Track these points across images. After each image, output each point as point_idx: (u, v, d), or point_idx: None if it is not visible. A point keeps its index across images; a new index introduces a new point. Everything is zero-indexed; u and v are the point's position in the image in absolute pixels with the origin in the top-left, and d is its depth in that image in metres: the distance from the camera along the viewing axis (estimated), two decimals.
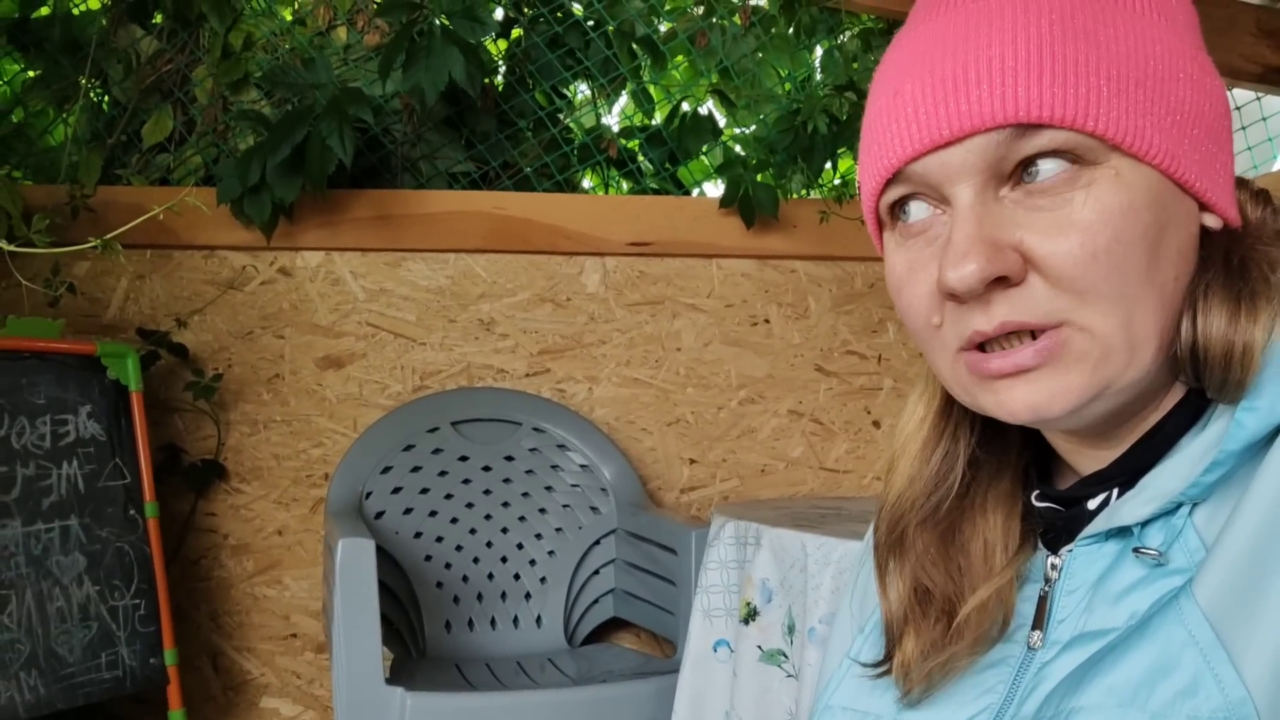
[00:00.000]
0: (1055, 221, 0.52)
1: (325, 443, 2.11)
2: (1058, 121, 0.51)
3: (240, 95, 2.11)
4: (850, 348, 2.28)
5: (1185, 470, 0.54)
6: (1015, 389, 0.54)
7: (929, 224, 0.56)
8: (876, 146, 0.57)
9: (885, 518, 0.65)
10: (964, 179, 0.53)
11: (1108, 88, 0.52)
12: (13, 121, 2.14)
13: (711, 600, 1.58)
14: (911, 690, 0.61)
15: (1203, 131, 0.55)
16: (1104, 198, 0.52)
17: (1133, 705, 0.50)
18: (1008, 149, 0.52)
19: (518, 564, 2.05)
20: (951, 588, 0.61)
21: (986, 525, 0.63)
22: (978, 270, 0.52)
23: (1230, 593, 0.49)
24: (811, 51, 2.32)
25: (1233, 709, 0.47)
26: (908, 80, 0.55)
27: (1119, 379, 0.53)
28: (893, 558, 0.64)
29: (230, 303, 2.08)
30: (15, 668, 1.59)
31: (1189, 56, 0.55)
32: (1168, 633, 0.51)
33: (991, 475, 0.64)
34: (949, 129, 0.53)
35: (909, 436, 0.66)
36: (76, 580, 1.71)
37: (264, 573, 2.10)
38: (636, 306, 2.22)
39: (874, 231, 0.62)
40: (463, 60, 1.90)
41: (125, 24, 2.12)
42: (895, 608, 0.63)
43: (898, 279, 0.58)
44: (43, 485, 1.70)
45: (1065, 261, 0.52)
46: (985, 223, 0.53)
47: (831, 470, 2.28)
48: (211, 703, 2.07)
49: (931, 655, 0.60)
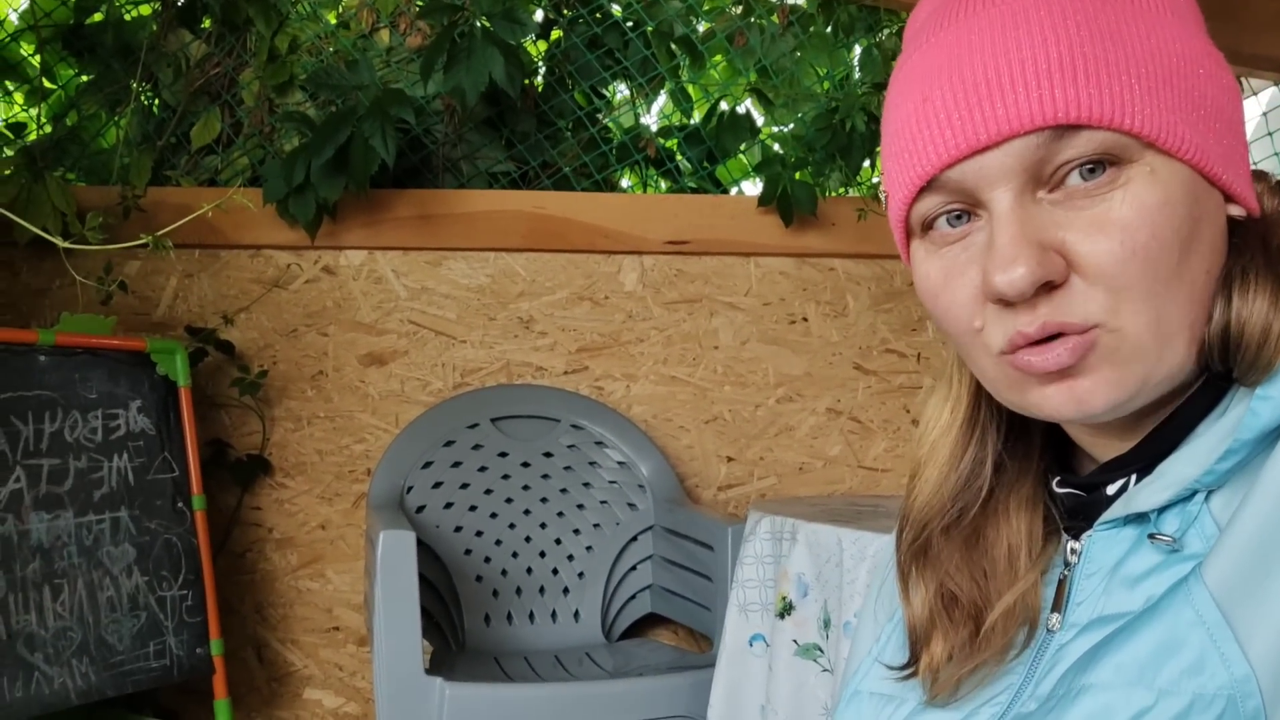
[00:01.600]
0: (1095, 220, 0.52)
1: (367, 438, 2.14)
2: (1095, 121, 0.51)
3: (286, 98, 2.16)
4: (889, 346, 2.28)
5: (1201, 457, 0.54)
6: (1061, 386, 0.54)
7: (966, 230, 0.56)
8: (906, 155, 0.56)
9: (911, 523, 0.65)
10: (1002, 183, 0.53)
11: (1139, 86, 0.52)
12: (67, 125, 2.20)
13: (747, 595, 1.59)
14: (940, 694, 0.62)
15: (1223, 125, 0.55)
16: (1141, 195, 0.52)
17: (1140, 683, 0.51)
18: (1047, 151, 0.52)
19: (556, 559, 2.06)
20: (977, 593, 0.62)
21: (1010, 529, 0.63)
22: (1028, 274, 0.52)
23: (1238, 575, 0.50)
24: (850, 50, 2.32)
25: (1237, 686, 0.48)
26: (936, 86, 0.54)
27: (1154, 374, 0.54)
28: (916, 564, 0.64)
29: (275, 301, 2.12)
30: (67, 655, 1.63)
31: (1204, 53, 0.56)
32: (1176, 613, 0.51)
33: (1015, 479, 0.65)
34: (986, 133, 0.52)
35: (935, 442, 0.66)
36: (126, 570, 1.75)
37: (307, 566, 2.13)
38: (674, 305, 2.23)
39: (901, 241, 0.61)
40: (503, 61, 1.92)
41: (175, 29, 2.17)
42: (919, 612, 0.64)
43: (933, 286, 0.58)
44: (94, 477, 1.74)
45: (1106, 260, 0.52)
46: (1029, 225, 0.53)
47: (870, 469, 2.27)
48: (255, 694, 2.11)
49: (959, 661, 0.61)
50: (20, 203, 1.84)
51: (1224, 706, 0.48)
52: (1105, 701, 0.51)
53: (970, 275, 0.56)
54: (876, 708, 0.66)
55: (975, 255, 0.56)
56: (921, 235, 0.59)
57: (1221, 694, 0.48)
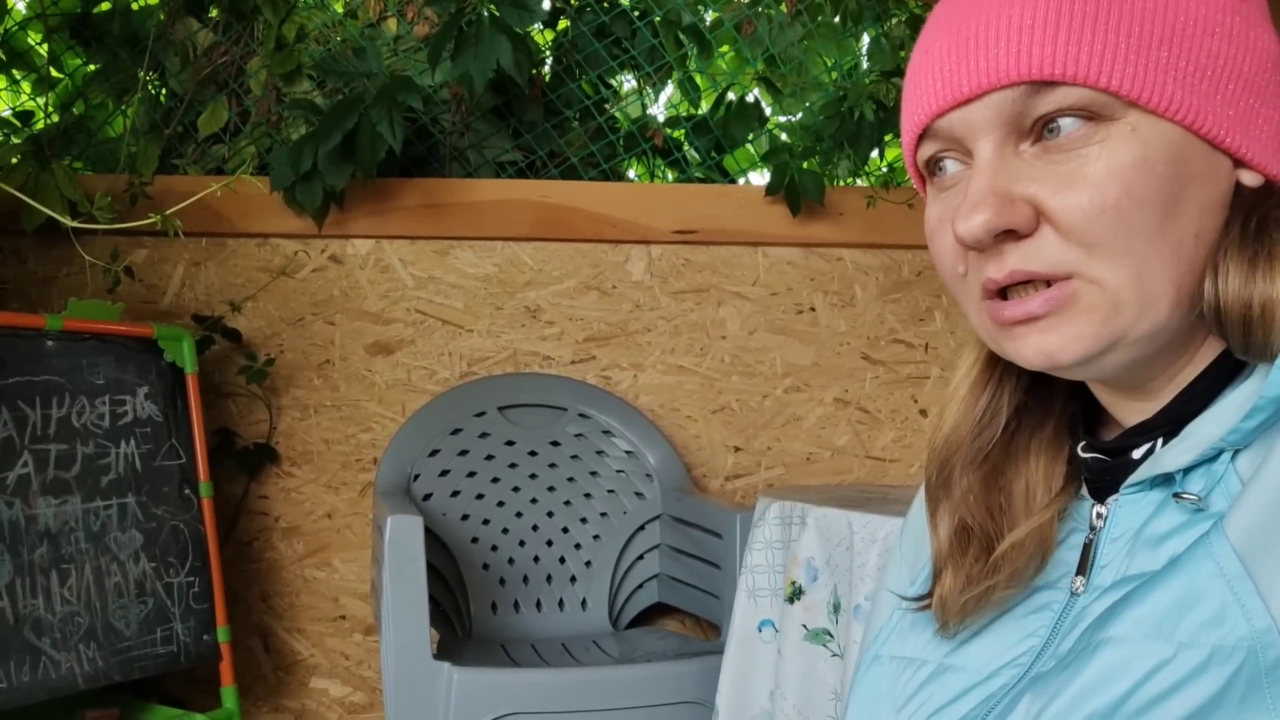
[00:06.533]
0: (1067, 175, 0.53)
1: (374, 427, 2.14)
2: (1070, 78, 0.52)
3: (293, 86, 2.15)
4: (897, 336, 2.27)
5: (1227, 418, 0.54)
6: (1029, 336, 0.56)
7: (959, 177, 0.58)
8: (910, 102, 0.59)
9: (934, 458, 0.66)
10: (984, 134, 0.55)
11: (1126, 44, 0.52)
12: (74, 114, 2.20)
13: (756, 580, 1.58)
14: (949, 623, 0.62)
15: (1239, 87, 0.55)
16: (1118, 153, 0.53)
17: (1159, 635, 0.50)
18: (1024, 105, 0.54)
19: (563, 547, 2.06)
20: (991, 525, 0.63)
21: (1029, 469, 0.64)
22: (984, 222, 0.53)
23: (1260, 527, 0.50)
24: (858, 38, 2.31)
25: (1258, 637, 0.48)
26: (938, 38, 0.57)
27: (1131, 331, 0.54)
28: (940, 496, 0.65)
29: (282, 289, 2.12)
30: (75, 640, 1.63)
31: (1230, 9, 0.55)
32: (1196, 566, 0.51)
33: (1036, 422, 0.66)
34: (968, 85, 0.55)
35: (958, 383, 0.68)
36: (133, 556, 1.75)
37: (314, 555, 2.13)
38: (682, 294, 2.22)
39: (919, 186, 0.64)
40: (510, 49, 1.92)
41: (182, 17, 2.17)
42: (943, 544, 0.65)
43: (930, 229, 0.60)
44: (101, 463, 1.74)
45: (1073, 215, 0.53)
46: (1000, 176, 0.54)
47: (878, 459, 2.27)
48: (262, 682, 2.11)
49: (968, 589, 0.61)
50: (28, 191, 1.84)
51: (1244, 658, 0.48)
52: (1124, 655, 0.51)
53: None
54: (896, 670, 0.66)
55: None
56: (930, 180, 0.61)
57: (1242, 645, 0.48)
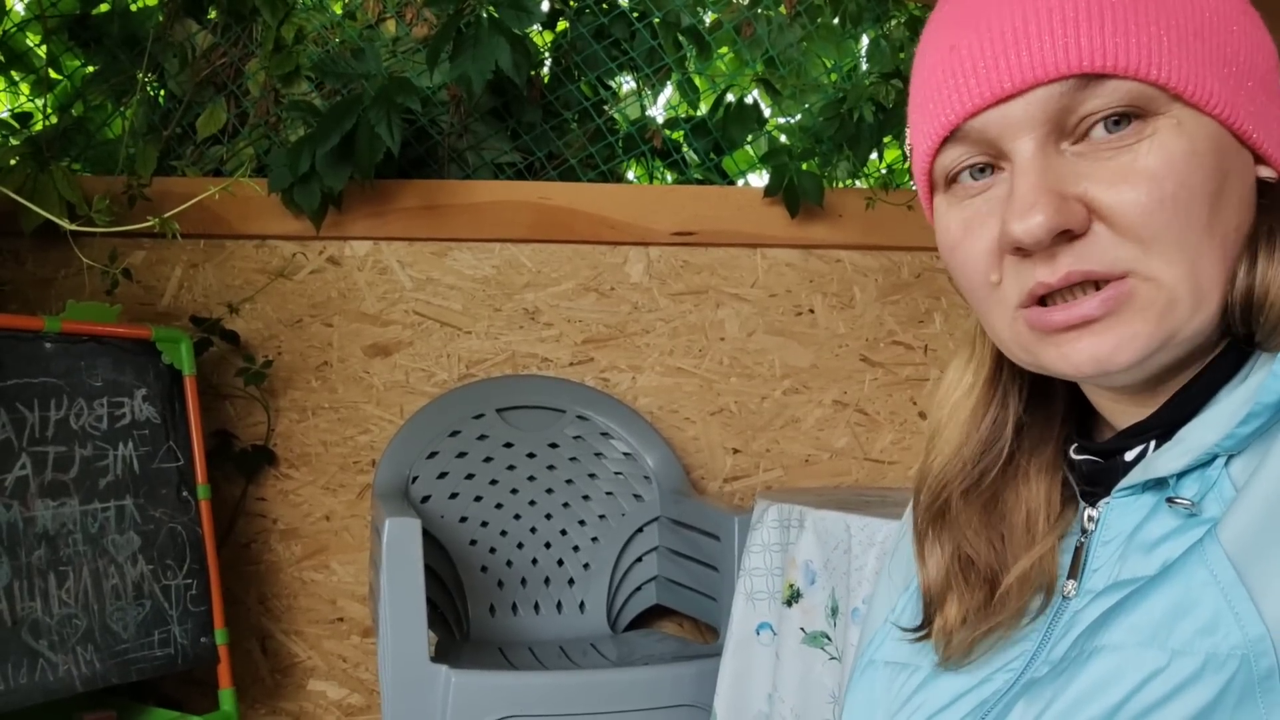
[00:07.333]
0: (1120, 170, 0.51)
1: (372, 429, 2.14)
2: (1121, 71, 0.51)
3: (292, 88, 2.15)
4: (896, 338, 2.27)
5: (1222, 422, 0.53)
6: (1080, 341, 0.54)
7: (989, 183, 0.56)
8: (931, 104, 0.56)
9: (929, 485, 0.64)
10: (1025, 132, 0.53)
11: (1168, 38, 0.51)
12: (73, 115, 2.20)
13: (754, 583, 1.58)
14: (952, 656, 0.61)
15: (1256, 83, 0.54)
16: (1168, 145, 0.51)
17: (1153, 643, 0.50)
18: (1071, 100, 0.52)
19: (561, 549, 2.06)
20: (994, 557, 0.61)
21: (1029, 493, 0.63)
22: (1045, 221, 0.51)
23: (1253, 535, 0.49)
24: (858, 40, 2.31)
25: (1251, 646, 0.48)
26: (964, 35, 0.54)
27: (1184, 328, 0.53)
28: (934, 526, 0.64)
29: (280, 291, 2.12)
30: (72, 642, 1.63)
31: (1240, 9, 0.55)
32: (1190, 573, 0.50)
33: (1036, 444, 0.64)
34: (1010, 82, 0.52)
35: (956, 404, 0.65)
36: (131, 559, 1.74)
37: (311, 557, 2.13)
38: (680, 296, 2.22)
39: (924, 194, 0.61)
40: (509, 50, 1.92)
41: (181, 19, 2.17)
42: (935, 575, 0.63)
43: (952, 238, 0.57)
44: (99, 465, 1.74)
45: (1132, 209, 0.51)
46: (1049, 174, 0.52)
47: (876, 461, 2.26)
48: (259, 684, 2.10)
49: (974, 623, 0.60)
50: (26, 193, 1.84)
51: (1237, 666, 0.48)
52: (1117, 663, 0.51)
53: (990, 227, 0.55)
54: (890, 675, 0.65)
55: (995, 207, 0.55)
56: (945, 189, 0.58)
57: (1235, 654, 0.48)
